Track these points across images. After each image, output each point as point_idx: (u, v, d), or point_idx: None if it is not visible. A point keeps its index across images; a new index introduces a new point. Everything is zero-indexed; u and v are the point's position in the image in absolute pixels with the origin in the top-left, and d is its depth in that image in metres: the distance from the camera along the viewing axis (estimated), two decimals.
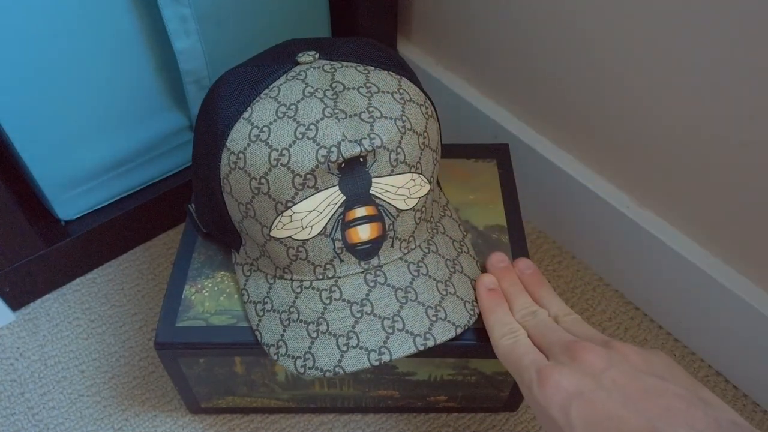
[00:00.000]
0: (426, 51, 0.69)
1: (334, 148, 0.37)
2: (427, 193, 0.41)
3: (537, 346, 0.37)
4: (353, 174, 0.38)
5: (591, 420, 0.30)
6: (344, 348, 0.38)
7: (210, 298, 0.44)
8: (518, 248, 0.47)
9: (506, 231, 0.48)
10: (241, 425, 0.51)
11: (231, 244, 0.44)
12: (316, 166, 0.37)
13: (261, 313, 0.41)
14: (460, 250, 0.44)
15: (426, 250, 0.42)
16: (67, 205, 0.57)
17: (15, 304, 0.58)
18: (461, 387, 0.47)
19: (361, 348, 0.38)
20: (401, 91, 0.40)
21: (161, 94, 0.56)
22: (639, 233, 0.54)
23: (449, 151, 0.53)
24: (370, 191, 0.38)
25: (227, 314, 0.43)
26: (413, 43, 0.70)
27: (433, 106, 0.43)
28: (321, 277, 0.40)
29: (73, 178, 0.56)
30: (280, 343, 0.39)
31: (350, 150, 0.37)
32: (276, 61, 0.41)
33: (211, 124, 0.40)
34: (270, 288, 0.42)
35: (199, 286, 0.44)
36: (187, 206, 0.47)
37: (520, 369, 0.36)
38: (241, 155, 0.38)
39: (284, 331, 0.40)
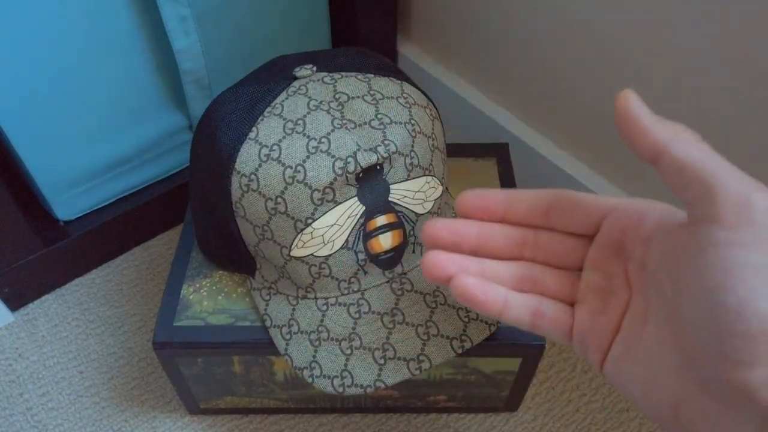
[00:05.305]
0: (426, 51, 0.69)
1: (350, 159, 0.36)
2: (440, 195, 0.41)
3: None
4: (371, 183, 0.37)
5: None
6: (381, 361, 0.37)
7: (208, 298, 0.44)
8: None
9: None
10: (241, 426, 0.51)
11: (244, 269, 0.43)
12: (334, 179, 0.36)
13: (288, 337, 0.40)
14: None
15: None
16: (67, 206, 0.57)
17: (14, 305, 0.58)
18: (461, 386, 0.47)
19: (398, 359, 0.37)
20: (405, 95, 0.40)
21: (160, 94, 0.56)
22: None
23: (449, 150, 0.53)
24: (389, 198, 0.38)
25: (225, 313, 0.43)
26: (413, 43, 0.70)
27: (436, 108, 0.43)
28: (346, 291, 0.39)
29: (72, 178, 0.55)
30: (313, 364, 0.38)
31: (367, 159, 0.36)
32: (272, 78, 0.40)
33: (215, 150, 0.38)
34: (293, 309, 0.40)
35: (198, 285, 0.44)
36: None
37: None
38: (253, 176, 0.37)
39: (316, 351, 0.39)
